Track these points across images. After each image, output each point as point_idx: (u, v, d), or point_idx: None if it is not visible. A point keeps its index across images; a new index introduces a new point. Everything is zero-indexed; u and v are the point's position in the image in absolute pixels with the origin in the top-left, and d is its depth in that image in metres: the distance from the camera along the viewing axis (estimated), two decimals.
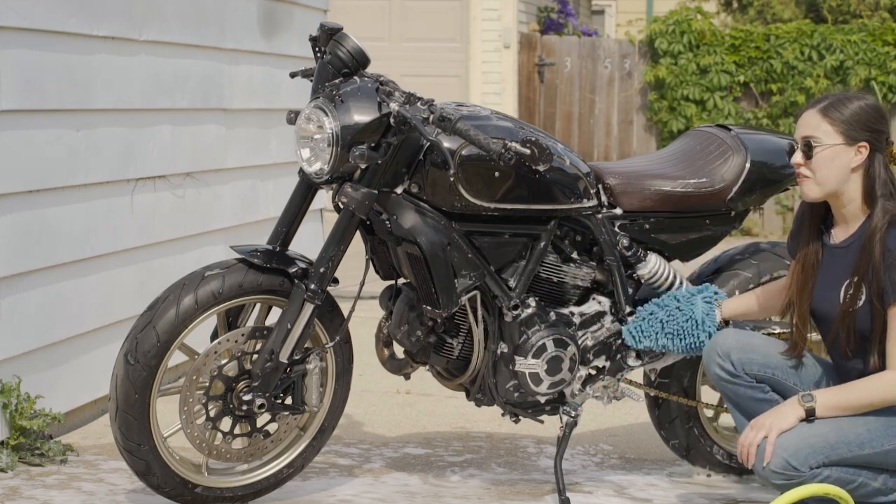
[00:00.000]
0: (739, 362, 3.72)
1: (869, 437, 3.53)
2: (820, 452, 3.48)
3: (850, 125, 3.58)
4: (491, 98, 12.48)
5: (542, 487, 4.23)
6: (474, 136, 3.69)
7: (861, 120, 3.58)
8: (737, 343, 3.75)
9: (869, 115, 3.59)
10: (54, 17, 4.49)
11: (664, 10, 15.07)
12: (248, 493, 3.96)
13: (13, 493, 4.00)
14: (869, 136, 3.58)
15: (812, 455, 3.47)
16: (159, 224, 5.20)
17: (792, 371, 3.73)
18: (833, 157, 3.59)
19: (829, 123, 3.59)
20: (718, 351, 3.76)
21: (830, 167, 3.59)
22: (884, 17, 15.02)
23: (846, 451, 3.50)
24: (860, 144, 3.58)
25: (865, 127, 3.58)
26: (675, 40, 12.43)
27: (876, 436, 3.53)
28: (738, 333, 3.79)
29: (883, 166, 3.59)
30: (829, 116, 3.59)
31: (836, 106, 3.60)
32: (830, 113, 3.59)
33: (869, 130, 3.58)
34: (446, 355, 4.07)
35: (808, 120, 3.63)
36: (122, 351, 3.75)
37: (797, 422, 3.52)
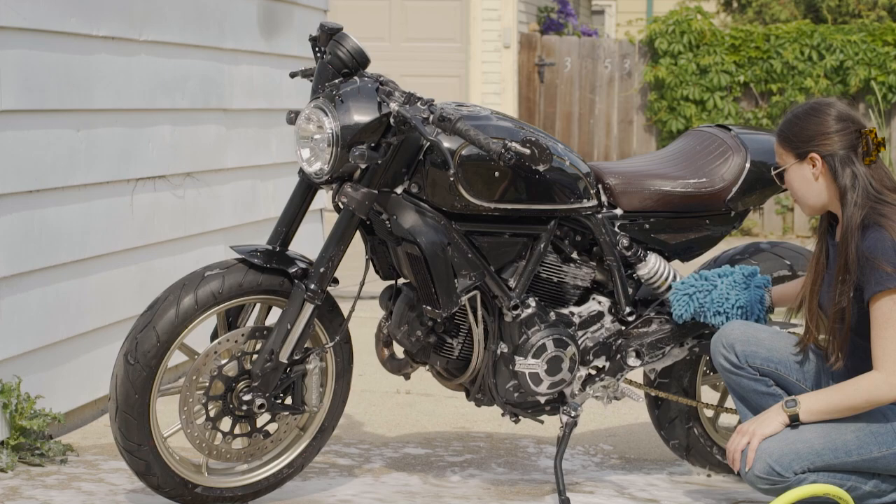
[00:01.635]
0: (743, 354, 3.74)
1: (857, 444, 3.53)
2: (805, 458, 3.48)
3: (798, 143, 3.65)
4: (491, 98, 12.47)
5: (542, 487, 4.23)
6: (474, 136, 3.69)
7: (804, 133, 3.63)
8: (742, 335, 3.77)
9: (813, 125, 3.62)
10: (54, 17, 4.49)
11: (664, 10, 15.07)
12: (248, 493, 3.96)
13: (13, 493, 4.00)
14: (817, 144, 3.61)
15: (796, 460, 3.48)
16: (159, 224, 5.20)
17: (796, 367, 3.74)
18: (794, 176, 3.68)
19: (782, 147, 3.70)
20: (724, 342, 3.79)
21: (798, 186, 3.68)
22: (881, 16, 15.02)
23: (832, 458, 3.50)
24: (811, 156, 3.63)
25: (810, 138, 3.62)
26: (675, 40, 12.42)
27: (864, 443, 3.53)
28: (745, 325, 3.81)
29: (846, 163, 3.60)
30: (781, 140, 3.69)
31: (784, 129, 3.69)
32: (781, 137, 3.69)
33: (809, 140, 3.62)
34: (446, 355, 4.07)
35: (775, 148, 3.74)
36: (122, 351, 3.75)
37: (781, 427, 3.53)
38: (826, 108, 3.64)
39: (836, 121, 3.62)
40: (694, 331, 4.20)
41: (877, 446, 3.53)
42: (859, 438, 3.53)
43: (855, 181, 3.58)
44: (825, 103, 3.66)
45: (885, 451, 3.53)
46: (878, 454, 3.53)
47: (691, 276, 4.03)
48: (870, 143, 3.60)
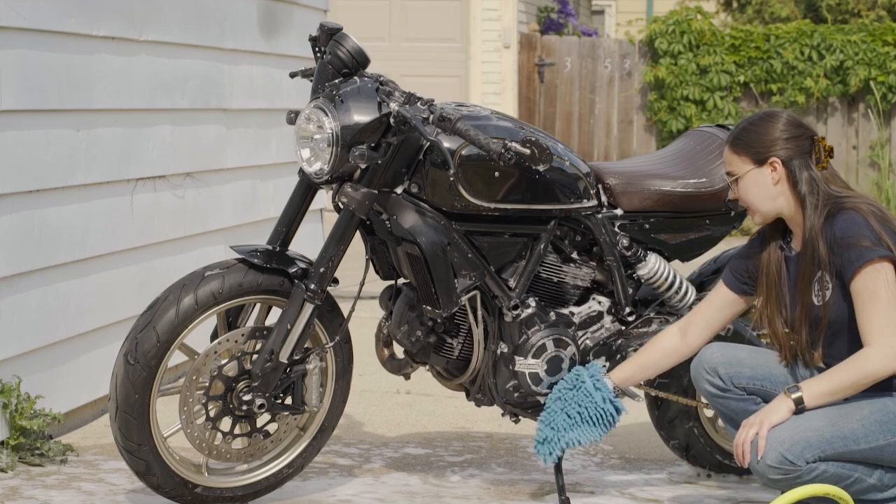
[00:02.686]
0: (728, 376, 3.72)
1: (863, 432, 3.53)
2: (815, 446, 3.48)
3: (756, 148, 3.64)
4: (491, 98, 12.47)
5: (542, 487, 4.23)
6: (474, 136, 3.69)
7: (765, 138, 3.64)
8: (723, 358, 3.75)
9: (773, 130, 3.64)
10: (54, 17, 4.49)
11: (664, 10, 15.07)
12: (248, 493, 3.96)
13: (13, 493, 4.00)
14: (778, 149, 3.63)
15: (808, 449, 3.47)
16: (159, 224, 5.20)
17: (781, 379, 3.73)
18: (751, 182, 3.66)
19: (737, 154, 3.68)
20: (706, 367, 3.75)
21: (755, 192, 3.66)
22: (881, 15, 15.02)
23: (841, 446, 3.50)
24: (771, 160, 3.64)
25: (771, 143, 3.63)
26: (675, 40, 12.43)
27: (870, 431, 3.53)
28: (723, 347, 3.79)
29: (804, 168, 3.62)
30: (736, 147, 3.68)
31: (740, 136, 3.67)
32: (736, 144, 3.68)
33: (776, 144, 3.63)
34: (446, 355, 4.07)
35: (725, 156, 3.73)
36: (122, 351, 3.75)
37: (788, 414, 3.52)
38: (781, 115, 3.68)
39: (794, 126, 3.66)
40: None
41: (882, 434, 3.54)
42: (865, 427, 3.54)
43: (814, 186, 3.61)
44: (779, 111, 3.71)
45: (890, 438, 3.53)
46: (885, 442, 3.53)
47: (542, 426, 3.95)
48: (822, 150, 3.65)
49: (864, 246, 3.50)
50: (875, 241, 3.51)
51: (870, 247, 3.50)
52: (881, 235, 3.52)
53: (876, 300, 3.49)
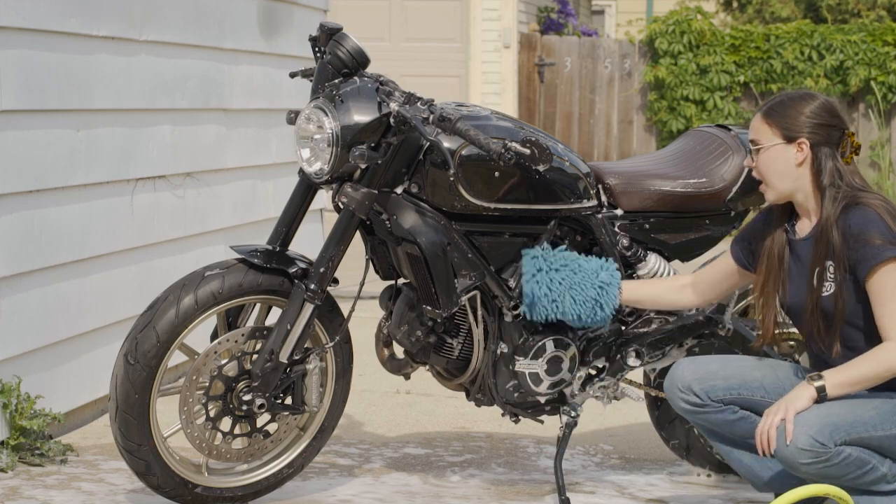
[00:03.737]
0: (703, 391, 3.71)
1: (879, 419, 3.55)
2: (841, 430, 3.49)
3: (789, 124, 3.63)
4: (491, 98, 12.47)
5: (542, 487, 4.23)
6: (474, 136, 3.68)
7: (800, 118, 3.63)
8: (695, 374, 3.73)
9: (809, 112, 3.63)
10: (54, 17, 4.49)
11: (664, 10, 15.07)
12: (248, 493, 3.96)
13: (13, 493, 4.00)
14: (809, 131, 3.62)
15: (835, 432, 3.48)
16: (159, 224, 5.20)
17: (756, 385, 3.73)
18: (775, 157, 3.65)
19: (768, 125, 3.66)
20: (679, 386, 3.73)
21: (774, 167, 3.65)
22: (881, 15, 15.02)
23: (862, 431, 3.52)
24: (799, 141, 3.63)
25: (805, 124, 3.62)
26: (675, 40, 12.42)
27: (885, 419, 3.55)
28: (693, 363, 3.77)
29: (830, 158, 3.63)
30: (769, 118, 3.66)
31: (776, 108, 3.66)
32: (770, 115, 3.66)
33: (808, 126, 3.62)
34: (446, 355, 4.07)
35: (754, 124, 3.71)
36: (122, 351, 3.75)
37: (810, 402, 3.52)
38: (822, 100, 3.67)
39: (830, 115, 3.65)
40: (693, 331, 4.20)
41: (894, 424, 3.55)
42: (880, 415, 3.55)
43: (837, 177, 3.62)
44: (821, 96, 3.69)
45: None
46: None
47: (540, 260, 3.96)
48: (849, 144, 3.65)
49: (879, 244, 3.51)
50: (889, 240, 3.52)
51: (884, 245, 3.51)
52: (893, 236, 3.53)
53: (891, 296, 3.51)
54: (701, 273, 3.96)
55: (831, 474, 3.50)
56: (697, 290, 3.94)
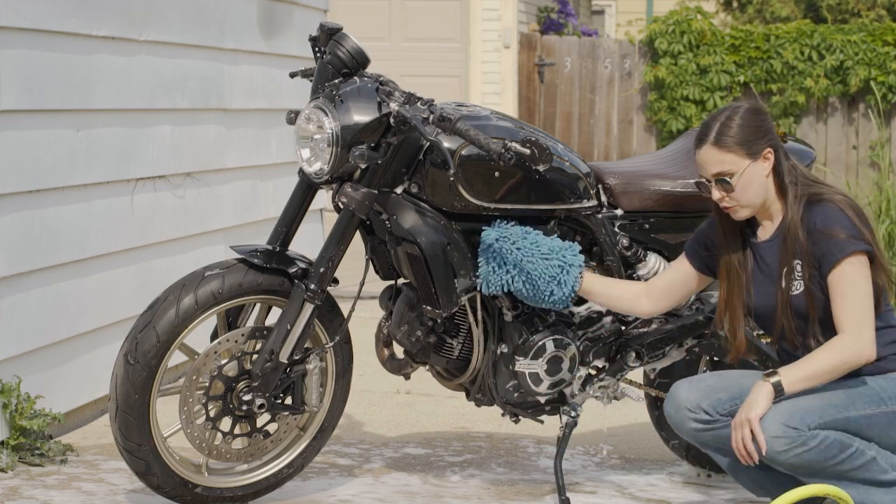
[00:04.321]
0: (711, 407, 3.71)
1: (850, 400, 3.56)
2: (813, 413, 3.50)
3: (748, 141, 3.63)
4: (491, 98, 12.47)
5: (542, 487, 4.23)
6: (474, 136, 3.68)
7: (753, 131, 3.63)
8: (698, 392, 3.73)
9: (756, 122, 3.64)
10: (54, 17, 4.49)
11: (664, 10, 15.07)
12: (248, 493, 3.96)
13: (13, 493, 4.00)
14: (766, 139, 3.64)
15: (807, 416, 3.50)
16: (159, 224, 5.20)
17: None
18: (749, 179, 3.64)
19: (729, 151, 3.64)
20: (688, 406, 3.71)
21: (752, 188, 3.65)
22: (880, 14, 15.02)
23: (835, 413, 3.53)
24: (764, 153, 3.64)
25: (758, 134, 3.64)
26: (674, 40, 12.43)
27: (856, 400, 3.57)
28: (689, 383, 3.76)
29: (784, 156, 3.68)
30: (725, 146, 3.63)
31: (725, 132, 3.63)
32: (725, 142, 3.63)
33: (762, 136, 3.64)
34: (446, 355, 4.07)
35: (708, 157, 3.66)
36: (122, 351, 3.75)
37: (769, 401, 3.53)
38: (749, 105, 3.69)
39: (763, 114, 3.68)
40: (693, 331, 4.20)
41: (866, 405, 3.57)
42: (850, 397, 3.57)
43: (794, 174, 3.66)
44: (740, 103, 3.70)
45: (875, 409, 3.57)
46: (871, 412, 3.57)
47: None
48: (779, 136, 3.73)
49: (843, 239, 3.55)
50: (853, 235, 3.56)
51: (848, 239, 3.55)
52: (860, 229, 3.57)
53: (853, 290, 3.54)
54: (655, 281, 3.93)
55: (814, 461, 3.50)
56: (652, 297, 3.90)
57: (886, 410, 3.58)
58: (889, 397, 3.59)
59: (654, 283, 3.93)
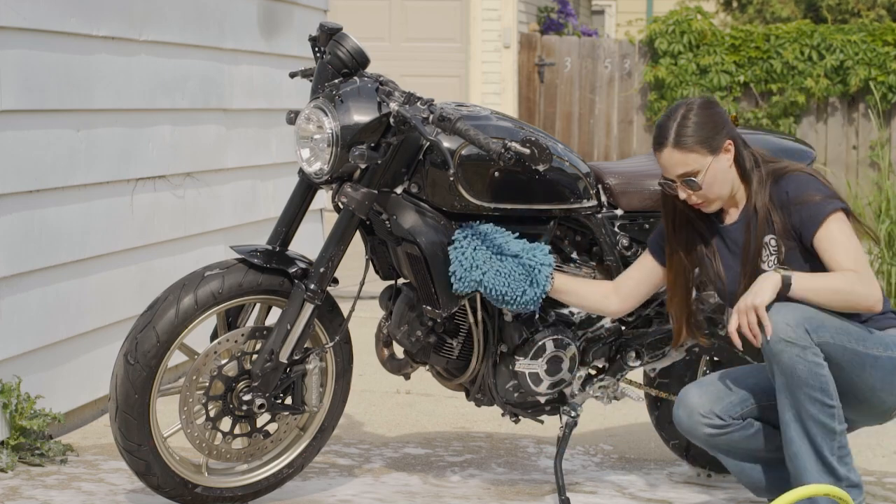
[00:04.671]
0: (723, 411, 3.72)
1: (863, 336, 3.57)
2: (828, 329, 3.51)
3: (706, 137, 3.65)
4: (491, 98, 12.47)
5: (542, 487, 4.23)
6: (474, 135, 3.68)
7: (710, 127, 3.65)
8: (708, 397, 3.74)
9: (711, 117, 3.66)
10: (54, 17, 4.49)
11: (664, 10, 15.07)
12: (248, 493, 3.96)
13: (13, 493, 4.00)
14: (724, 132, 3.67)
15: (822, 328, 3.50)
16: (159, 224, 5.20)
17: (759, 391, 3.73)
18: (715, 173, 3.66)
19: (689, 151, 3.65)
20: (701, 412, 3.72)
21: (718, 181, 3.67)
22: (880, 14, 15.01)
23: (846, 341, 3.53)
24: (724, 146, 3.67)
25: (716, 129, 3.66)
26: (674, 40, 12.42)
27: (869, 338, 3.58)
28: (698, 388, 3.77)
29: (742, 145, 3.71)
30: (685, 146, 3.65)
31: (682, 133, 3.64)
32: (685, 142, 3.64)
33: (720, 129, 3.67)
34: (446, 355, 4.07)
35: (670, 160, 3.68)
36: (121, 351, 3.75)
37: (774, 291, 3.51)
38: (701, 99, 3.71)
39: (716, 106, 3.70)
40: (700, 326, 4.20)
41: (876, 345, 3.58)
42: (863, 333, 3.58)
43: (755, 159, 3.70)
44: (692, 99, 3.72)
45: (883, 352, 3.57)
46: (879, 353, 3.58)
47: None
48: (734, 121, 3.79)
49: (819, 200, 3.59)
50: (828, 195, 3.60)
51: (825, 200, 3.59)
52: (831, 189, 3.63)
53: (847, 242, 3.57)
54: (622, 279, 3.94)
55: (798, 374, 3.48)
56: (621, 295, 3.92)
57: (892, 355, 3.59)
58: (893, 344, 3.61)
59: (621, 281, 3.94)
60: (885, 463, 4.58)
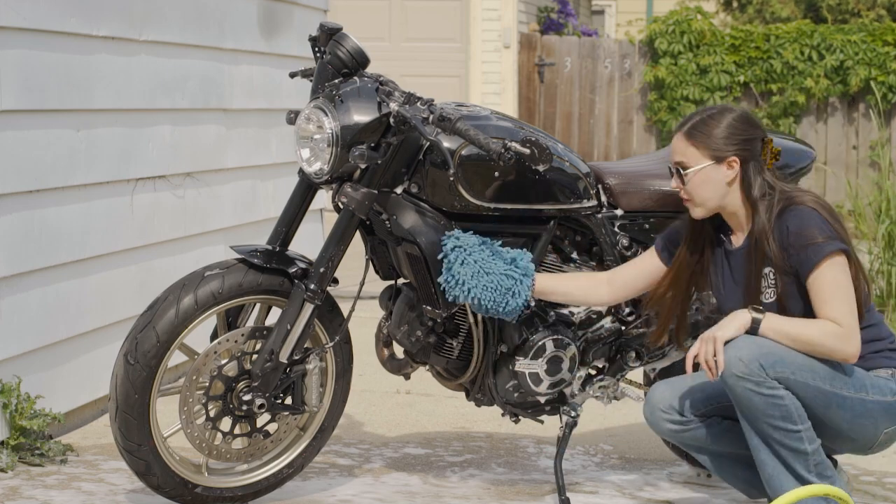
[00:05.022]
0: (684, 408, 3.73)
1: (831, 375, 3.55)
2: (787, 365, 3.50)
3: (716, 143, 3.63)
4: (491, 98, 12.47)
5: (542, 487, 4.23)
6: (474, 135, 3.68)
7: (726, 136, 3.63)
8: (671, 393, 3.76)
9: (734, 129, 3.63)
10: (54, 17, 4.49)
11: (664, 10, 15.07)
12: (248, 493, 3.96)
13: (13, 493, 4.00)
14: (737, 148, 3.63)
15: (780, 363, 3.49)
16: (159, 224, 5.20)
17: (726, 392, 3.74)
18: (705, 178, 3.65)
19: (694, 147, 3.66)
20: (661, 407, 3.75)
21: (706, 188, 3.65)
22: (880, 14, 15.02)
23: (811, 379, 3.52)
24: (729, 160, 3.63)
25: (731, 142, 3.63)
26: (674, 40, 12.42)
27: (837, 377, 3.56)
28: (667, 384, 3.79)
29: (757, 171, 3.64)
30: (694, 139, 3.65)
31: (699, 127, 3.64)
32: (694, 136, 3.65)
33: (736, 144, 3.63)
34: (446, 355, 4.07)
35: (676, 144, 3.69)
36: (121, 351, 3.75)
37: (741, 329, 3.54)
38: (740, 112, 3.67)
39: (752, 126, 3.66)
40: (693, 331, 4.20)
41: (846, 387, 3.56)
42: (833, 373, 3.56)
43: (768, 188, 3.62)
44: (734, 108, 3.69)
45: (853, 394, 3.56)
46: (847, 394, 3.56)
47: None
48: (769, 152, 3.66)
49: (819, 242, 3.54)
50: (829, 236, 3.55)
51: (825, 242, 3.53)
52: (834, 227, 3.57)
53: (837, 290, 3.53)
54: (618, 271, 3.94)
55: (755, 405, 3.50)
56: (613, 287, 3.92)
57: (865, 398, 3.58)
58: (871, 387, 3.59)
59: (618, 271, 3.94)
60: (885, 463, 4.58)
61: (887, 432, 3.64)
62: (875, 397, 3.59)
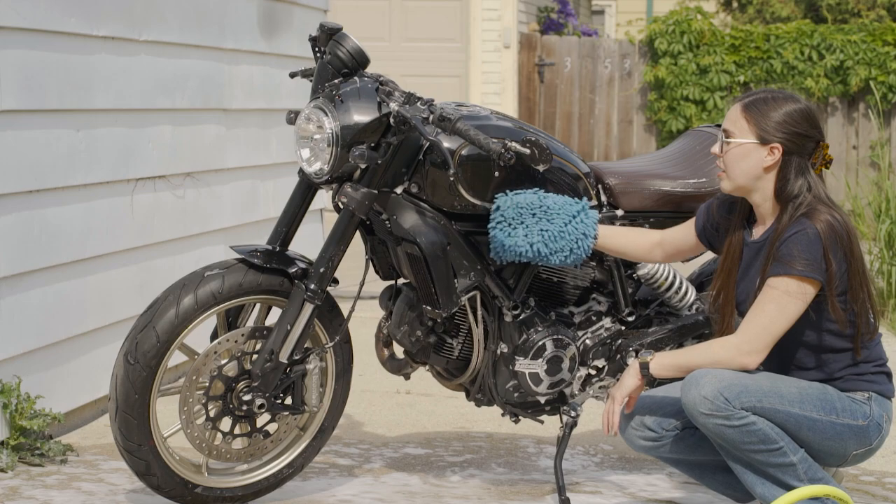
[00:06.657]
0: (656, 423, 3.73)
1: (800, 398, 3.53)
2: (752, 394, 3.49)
3: (767, 125, 3.56)
4: (491, 98, 12.47)
5: (542, 487, 4.23)
6: (474, 136, 3.68)
7: (780, 122, 3.55)
8: (643, 408, 3.76)
9: (790, 119, 3.55)
10: (54, 17, 4.49)
11: (664, 10, 15.08)
12: (248, 493, 3.97)
13: (13, 493, 4.00)
14: (785, 138, 3.55)
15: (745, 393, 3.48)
16: (159, 224, 5.21)
17: None
18: (744, 154, 3.59)
19: (745, 120, 3.59)
20: (633, 425, 3.76)
21: (741, 164, 3.59)
22: (881, 15, 15.02)
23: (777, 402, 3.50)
24: (773, 145, 3.56)
25: (783, 129, 3.55)
26: (674, 40, 12.43)
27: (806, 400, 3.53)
28: (640, 400, 3.78)
29: (798, 170, 3.56)
30: (748, 113, 3.59)
31: (758, 104, 3.58)
32: (750, 110, 3.59)
33: (786, 133, 3.55)
34: (446, 355, 4.07)
35: (731, 113, 3.64)
36: (121, 351, 3.75)
37: (637, 379, 3.58)
38: (804, 106, 3.59)
39: (810, 124, 3.58)
40: (693, 331, 4.21)
41: (816, 409, 3.54)
42: (801, 395, 3.54)
43: (806, 190, 3.55)
44: (804, 102, 3.62)
45: (823, 416, 3.54)
46: (817, 416, 3.54)
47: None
48: (822, 157, 3.59)
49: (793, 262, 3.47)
50: (808, 261, 3.47)
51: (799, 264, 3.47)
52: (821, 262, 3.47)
53: (771, 303, 3.49)
54: (668, 233, 3.93)
55: (730, 437, 3.50)
56: (664, 249, 3.92)
57: (835, 421, 3.55)
58: (842, 410, 3.56)
59: (667, 236, 3.93)
60: (885, 463, 4.58)
61: (856, 454, 3.62)
62: (845, 420, 3.56)
